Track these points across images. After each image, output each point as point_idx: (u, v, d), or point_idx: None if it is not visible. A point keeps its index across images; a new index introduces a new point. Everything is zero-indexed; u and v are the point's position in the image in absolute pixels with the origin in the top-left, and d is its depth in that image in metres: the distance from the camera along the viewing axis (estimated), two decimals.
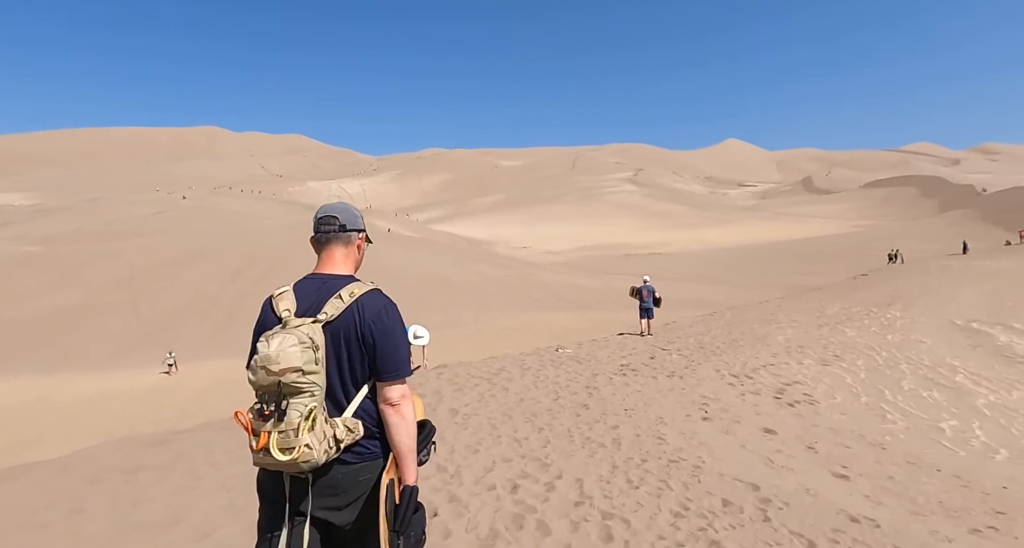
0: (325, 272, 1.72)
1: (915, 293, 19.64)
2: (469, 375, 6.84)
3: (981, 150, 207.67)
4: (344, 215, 1.78)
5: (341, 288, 1.64)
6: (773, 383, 7.05)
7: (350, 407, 1.60)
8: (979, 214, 63.51)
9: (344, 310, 1.60)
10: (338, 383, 1.60)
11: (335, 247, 1.76)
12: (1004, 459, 4.65)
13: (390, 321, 1.64)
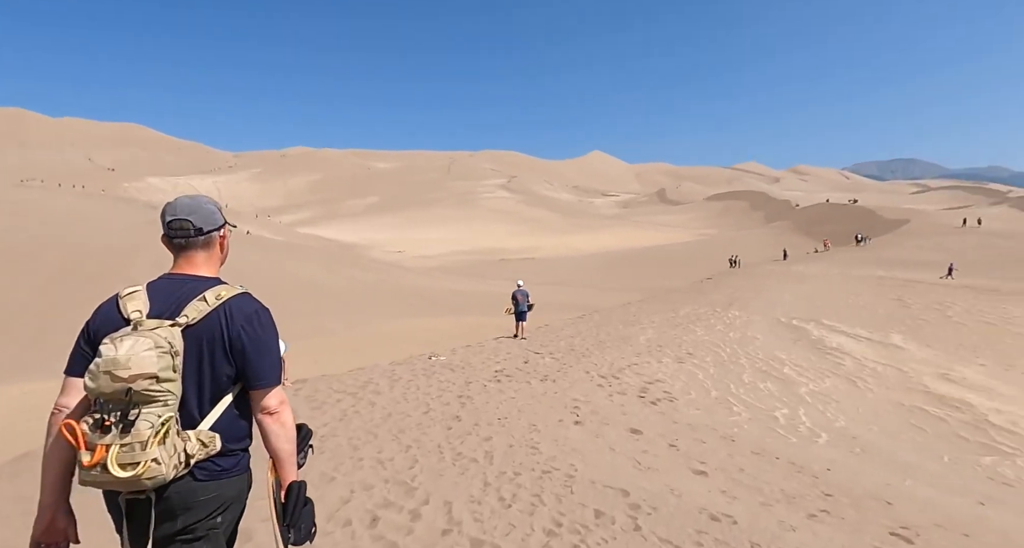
0: (185, 273, 1.58)
1: (749, 294, 22.23)
2: (331, 390, 6.25)
3: (795, 171, 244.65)
4: (198, 216, 1.59)
5: (205, 290, 1.52)
6: (637, 382, 7.38)
7: (207, 420, 1.49)
8: (794, 226, 74.33)
9: (208, 314, 1.49)
10: (195, 393, 1.48)
11: (194, 252, 1.60)
12: (825, 442, 5.25)
13: (262, 326, 1.55)
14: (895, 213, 59.49)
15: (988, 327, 17.00)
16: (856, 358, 11.68)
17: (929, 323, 17.35)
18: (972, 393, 9.51)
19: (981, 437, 6.71)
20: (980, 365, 12.59)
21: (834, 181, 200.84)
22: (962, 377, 10.81)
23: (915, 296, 21.73)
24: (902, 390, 9.26)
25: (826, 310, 18.99)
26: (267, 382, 1.53)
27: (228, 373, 1.50)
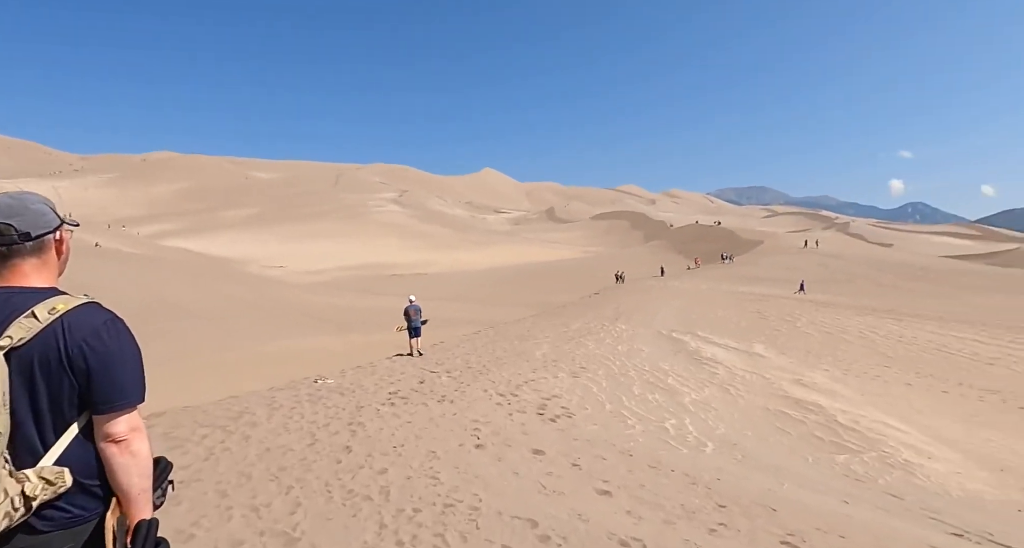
0: (10, 285, 1.34)
1: (633, 308, 23.54)
2: (196, 424, 5.45)
3: (669, 194, 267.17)
4: (24, 218, 1.35)
5: (35, 304, 1.30)
6: (535, 399, 7.34)
7: (51, 453, 1.27)
8: (670, 244, 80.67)
9: (41, 332, 1.27)
10: (32, 424, 1.27)
11: (20, 260, 1.36)
12: (712, 451, 5.52)
13: (112, 339, 1.34)
14: (751, 235, 66.78)
15: (827, 336, 19.38)
16: (727, 367, 12.67)
17: (782, 333, 19.44)
18: (821, 396, 10.68)
19: (833, 437, 7.49)
20: (824, 370, 14.25)
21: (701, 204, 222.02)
22: (812, 381, 12.14)
23: (770, 309, 24.31)
24: (766, 395, 10.15)
25: (700, 322, 20.59)
26: (114, 404, 1.31)
27: (71, 397, 1.29)
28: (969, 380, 14.68)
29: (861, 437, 7.49)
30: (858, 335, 19.70)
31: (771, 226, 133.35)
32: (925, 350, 18.00)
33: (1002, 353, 17.94)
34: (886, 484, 5.17)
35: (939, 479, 5.76)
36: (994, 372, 15.69)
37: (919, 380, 14.37)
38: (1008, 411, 12.07)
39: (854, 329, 20.63)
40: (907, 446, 7.22)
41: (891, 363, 16.07)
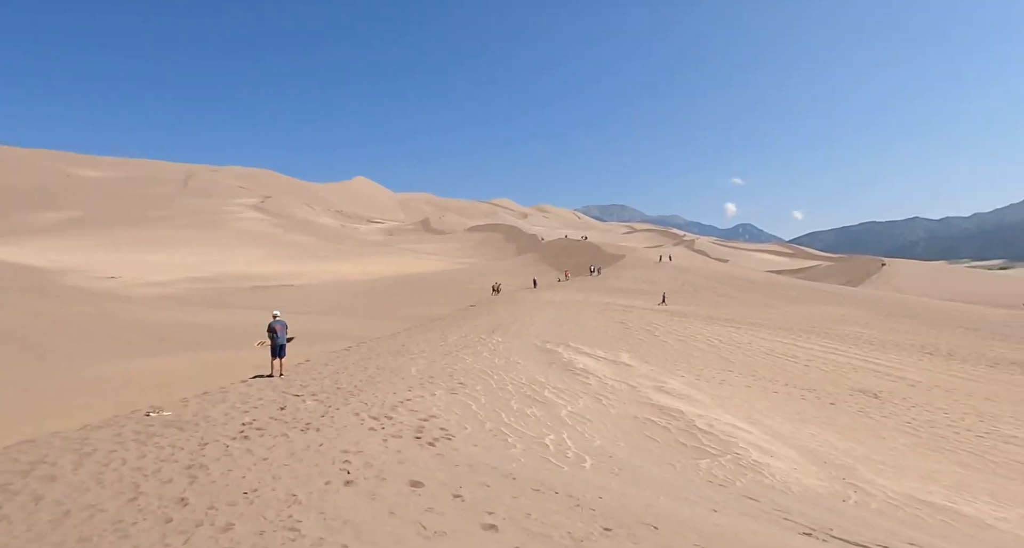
0: None
1: (509, 320, 23.81)
2: None
3: (540, 209, 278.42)
4: None
5: None
6: (412, 421, 6.90)
7: None
8: (541, 257, 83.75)
9: None
10: None
11: None
12: (591, 466, 5.55)
13: None
14: (615, 249, 71.78)
15: (682, 344, 21.16)
16: (598, 377, 13.17)
17: (644, 342, 20.86)
18: (680, 402, 11.47)
19: (694, 442, 8.00)
20: (681, 376, 15.47)
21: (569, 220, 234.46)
22: (672, 388, 13.05)
23: (633, 320, 26.04)
24: (635, 404, 10.66)
25: (572, 333, 21.37)
26: None
27: None
28: (793, 381, 16.86)
29: (717, 440, 8.08)
30: (706, 343, 21.78)
31: (631, 241, 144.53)
32: (758, 355, 20.40)
33: (814, 355, 20.94)
34: (743, 487, 5.57)
35: (782, 476, 6.36)
36: (810, 373, 18.21)
37: (756, 382, 16.17)
38: (823, 407, 14.02)
39: (702, 337, 22.77)
40: (754, 446, 7.92)
41: (733, 368, 17.94)
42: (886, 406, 14.45)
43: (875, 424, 12.26)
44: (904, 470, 8.26)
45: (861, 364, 20.05)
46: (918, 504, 6.12)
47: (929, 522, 5.42)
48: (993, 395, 16.89)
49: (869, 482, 6.92)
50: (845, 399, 14.87)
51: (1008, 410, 15.10)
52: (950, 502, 6.54)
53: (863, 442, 10.16)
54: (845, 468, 7.60)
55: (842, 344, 23.68)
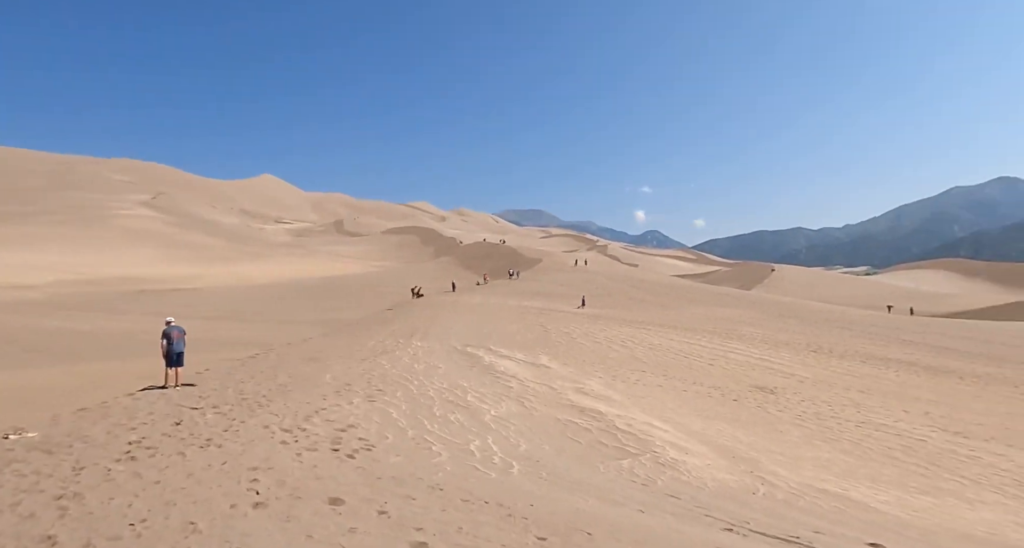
0: None
1: (428, 324, 23.37)
2: None
3: (458, 212, 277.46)
4: None
5: None
6: (328, 431, 6.47)
7: None
8: (459, 261, 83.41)
9: None
10: None
11: None
12: (519, 472, 5.46)
13: None
14: (533, 253, 72.93)
15: (598, 346, 21.77)
16: (520, 380, 13.20)
17: (562, 344, 21.25)
18: (599, 402, 11.74)
19: (615, 441, 8.17)
20: (598, 377, 15.87)
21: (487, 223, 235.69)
22: (591, 389, 13.34)
23: (551, 322, 26.49)
24: (556, 406, 10.76)
25: (492, 336, 21.33)
26: None
27: None
28: (699, 379, 17.85)
29: (636, 439, 8.31)
30: (620, 344, 22.56)
31: (548, 246, 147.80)
32: (668, 355, 21.44)
33: (717, 355, 22.34)
34: (664, 485, 5.73)
35: (697, 473, 6.63)
36: (714, 371, 19.38)
37: (667, 381, 16.95)
38: (727, 403, 14.93)
39: (617, 339, 23.58)
40: (670, 444, 8.22)
41: (646, 368, 18.70)
42: (780, 401, 15.66)
43: (773, 418, 13.23)
44: (800, 460, 8.93)
45: (757, 362, 21.63)
46: (815, 492, 6.62)
47: (826, 509, 5.86)
48: (865, 388, 18.83)
49: (773, 474, 7.39)
50: (746, 395, 15.94)
51: (878, 401, 16.89)
52: (841, 489, 7.14)
53: (764, 435, 10.89)
54: (751, 461, 8.08)
55: (740, 343, 25.44)
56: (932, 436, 12.90)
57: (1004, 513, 7.43)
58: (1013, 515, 7.32)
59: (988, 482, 9.34)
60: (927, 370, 22.86)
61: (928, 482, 8.90)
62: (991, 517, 6.99)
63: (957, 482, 8.98)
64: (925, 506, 6.94)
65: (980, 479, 9.42)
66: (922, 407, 16.47)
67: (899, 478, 8.77)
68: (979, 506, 7.54)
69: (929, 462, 10.47)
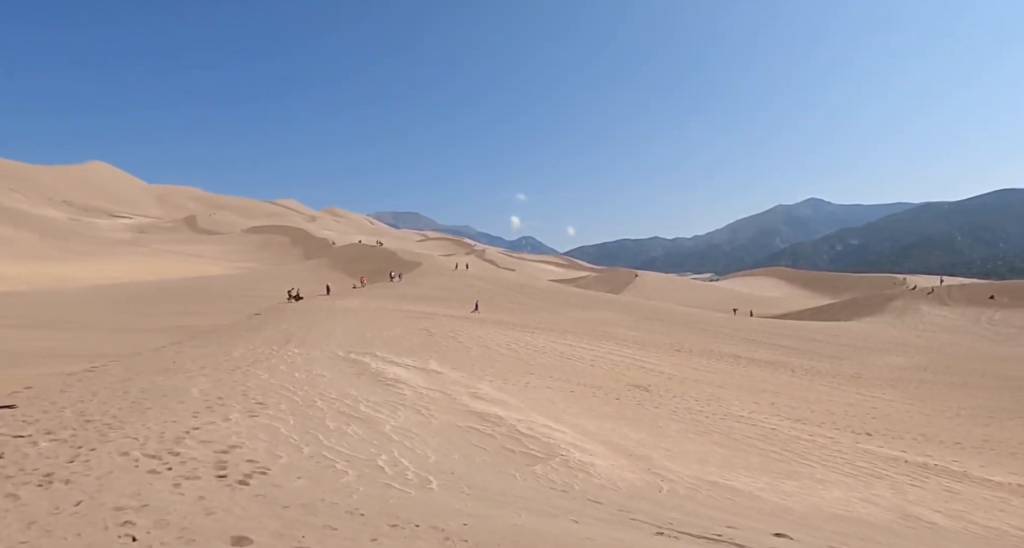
0: None
1: (304, 330, 21.74)
2: None
3: (330, 212, 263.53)
4: None
5: None
6: (208, 455, 5.59)
7: None
8: (333, 263, 79.08)
9: None
10: None
11: None
12: (438, 487, 5.12)
13: None
14: (412, 256, 71.43)
15: (485, 349, 21.82)
16: (412, 387, 12.71)
17: (449, 349, 20.97)
18: (495, 407, 11.68)
19: (520, 447, 8.12)
20: (490, 381, 15.85)
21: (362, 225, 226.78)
22: (485, 393, 13.25)
23: (436, 327, 26.05)
24: (454, 412, 10.49)
25: (376, 342, 20.40)
26: None
27: None
28: (583, 380, 18.62)
29: (540, 443, 8.33)
30: (506, 347, 22.82)
31: (425, 249, 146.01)
32: (552, 357, 22.12)
33: (596, 356, 23.53)
34: (582, 490, 5.74)
35: (607, 474, 6.78)
36: (595, 372, 20.37)
37: (555, 383, 17.43)
38: (611, 402, 15.70)
39: (503, 342, 23.83)
40: (573, 446, 8.36)
41: (533, 370, 19.09)
42: (655, 398, 16.84)
43: (652, 415, 14.15)
44: (684, 455, 9.59)
45: (631, 362, 23.14)
46: (707, 486, 7.10)
47: (722, 501, 6.30)
48: (721, 383, 21.00)
49: (666, 469, 7.82)
50: (625, 394, 16.91)
51: (733, 394, 18.90)
52: (725, 479, 7.75)
53: (648, 432, 11.56)
54: (645, 458, 8.48)
55: (615, 345, 27.05)
56: (781, 425, 14.67)
57: (848, 490, 8.60)
58: (855, 492, 8.49)
59: (829, 463, 10.79)
60: (767, 365, 26.14)
61: (787, 467, 10.05)
62: (840, 495, 8.03)
63: (808, 465, 10.25)
64: (793, 490, 7.79)
65: (823, 461, 10.86)
66: (768, 398, 18.73)
67: (765, 465, 9.78)
68: (829, 486, 8.64)
69: (783, 448, 11.86)
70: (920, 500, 8.30)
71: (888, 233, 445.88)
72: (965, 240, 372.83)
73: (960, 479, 10.35)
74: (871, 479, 9.69)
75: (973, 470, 11.09)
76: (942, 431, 15.37)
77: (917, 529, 6.17)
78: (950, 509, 7.87)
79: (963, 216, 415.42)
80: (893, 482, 9.55)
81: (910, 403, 19.56)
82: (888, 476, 10.03)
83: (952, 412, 17.97)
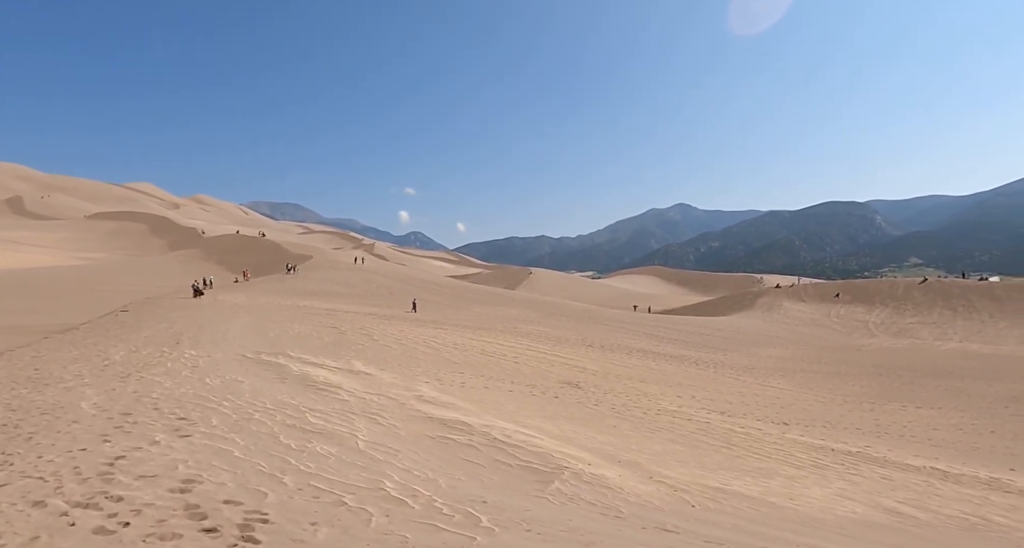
0: None
1: (193, 329, 18.91)
2: None
3: (196, 200, 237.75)
4: None
5: None
6: (164, 496, 4.12)
7: None
8: (206, 255, 71.17)
9: None
10: None
11: None
12: (494, 524, 4.16)
13: None
14: (301, 249, 66.34)
15: (404, 348, 20.45)
16: (348, 391, 11.29)
17: (368, 348, 19.34)
18: (452, 411, 10.67)
19: (513, 459, 7.26)
20: (426, 382, 14.69)
21: (235, 215, 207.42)
22: (431, 397, 12.13)
23: (345, 324, 24.08)
24: (414, 420, 9.36)
25: (284, 341, 18.26)
26: None
27: None
28: (515, 378, 18.05)
29: (531, 453, 7.56)
30: (425, 345, 21.60)
31: (309, 242, 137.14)
32: (475, 354, 21.30)
33: (517, 353, 23.11)
34: (631, 512, 5.05)
35: (628, 488, 6.20)
36: (522, 369, 19.90)
37: (489, 382, 16.65)
38: (551, 402, 15.25)
39: (420, 340, 22.55)
40: (567, 456, 7.70)
41: (462, 369, 18.14)
42: (590, 395, 16.72)
43: (598, 414, 13.92)
44: (662, 457, 9.36)
45: (553, 358, 23.02)
46: (721, 494, 6.79)
47: (751, 512, 6.00)
48: (641, 377, 21.60)
49: (666, 477, 7.42)
50: (561, 392, 16.60)
51: (657, 389, 19.45)
52: (726, 485, 7.56)
53: (609, 433, 11.25)
54: (634, 465, 8.06)
55: (532, 341, 26.88)
56: (711, 418, 15.20)
57: (818, 486, 8.86)
58: (825, 487, 8.78)
59: (777, 457, 11.20)
60: (674, 359, 27.51)
61: (743, 462, 10.23)
62: (820, 493, 8.22)
63: (765, 460, 10.53)
64: (782, 490, 7.81)
65: (771, 455, 11.24)
66: (687, 391, 19.53)
67: (730, 463, 9.86)
68: (805, 483, 8.85)
69: (727, 443, 12.17)
70: (877, 491, 8.79)
71: (742, 237, 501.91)
72: (802, 245, 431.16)
73: (884, 465, 11.27)
74: (820, 471, 10.17)
75: (888, 455, 12.20)
76: (841, 418, 16.96)
77: (921, 527, 6.37)
78: (907, 499, 8.39)
79: (800, 223, 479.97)
80: (839, 473, 10.10)
81: (802, 391, 21.52)
82: (830, 467, 10.62)
83: (840, 399, 20.02)
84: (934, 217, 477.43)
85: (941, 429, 16.29)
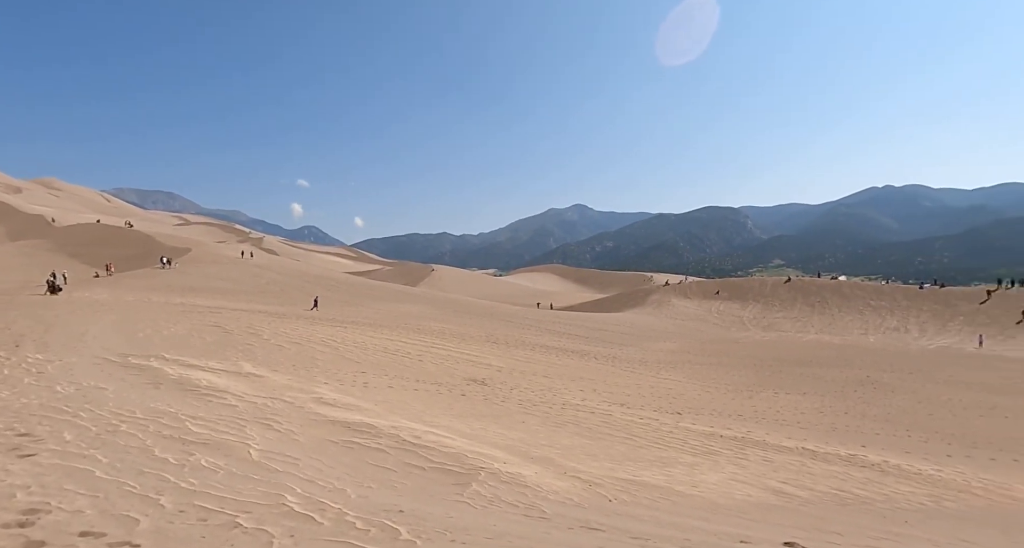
0: None
1: (38, 330, 16.36)
2: None
3: (44, 183, 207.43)
4: None
5: None
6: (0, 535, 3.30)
7: None
8: (56, 246, 62.17)
9: None
10: None
11: None
12: (414, 536, 3.81)
13: None
14: (177, 242, 60.10)
15: (299, 347, 19.13)
16: (236, 395, 10.24)
17: (257, 347, 17.84)
18: (355, 413, 10.04)
19: (425, 461, 6.89)
20: (324, 383, 13.79)
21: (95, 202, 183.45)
22: (332, 398, 11.35)
23: (230, 322, 22.07)
24: (313, 424, 8.64)
25: (156, 342, 16.33)
26: None
27: None
28: (419, 376, 17.54)
29: (443, 455, 7.25)
30: (322, 344, 20.38)
31: (187, 234, 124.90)
32: (377, 353, 20.46)
33: (421, 350, 22.55)
34: (555, 512, 4.91)
35: (546, 486, 6.09)
36: (427, 367, 19.41)
37: (393, 381, 16.02)
38: (458, 400, 14.96)
39: (316, 338, 21.25)
40: (480, 455, 7.47)
41: (364, 368, 17.31)
42: (496, 392, 16.67)
43: (505, 410, 13.87)
44: (571, 451, 9.44)
45: (457, 355, 22.73)
46: (633, 486, 6.93)
47: (667, 503, 6.14)
48: (544, 372, 21.98)
49: (580, 471, 7.45)
50: (467, 389, 16.37)
51: (560, 384, 19.86)
52: (636, 476, 7.73)
53: (518, 430, 11.20)
54: (547, 460, 8.02)
55: (435, 338, 26.38)
56: (612, 410, 15.75)
57: (713, 472, 9.40)
58: (720, 472, 9.33)
59: (674, 445, 11.81)
60: (574, 353, 28.35)
61: (646, 452, 10.65)
62: (716, 478, 8.70)
63: (664, 449, 11.03)
64: (685, 478, 8.16)
65: (669, 444, 11.82)
66: (589, 385, 20.16)
67: (634, 453, 10.19)
68: (702, 469, 9.34)
69: (629, 433, 12.64)
70: (762, 473, 9.50)
71: (633, 238, 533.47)
72: (685, 246, 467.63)
73: (764, 448, 12.29)
74: (712, 457, 10.84)
75: (766, 438, 13.34)
76: (725, 406, 18.37)
77: (806, 505, 6.90)
78: (788, 479, 9.16)
79: (684, 226, 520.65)
80: (728, 458, 10.83)
81: (690, 382, 23.09)
82: (720, 452, 11.36)
83: (723, 388, 21.71)
84: (794, 223, 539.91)
85: (807, 412, 18.20)
